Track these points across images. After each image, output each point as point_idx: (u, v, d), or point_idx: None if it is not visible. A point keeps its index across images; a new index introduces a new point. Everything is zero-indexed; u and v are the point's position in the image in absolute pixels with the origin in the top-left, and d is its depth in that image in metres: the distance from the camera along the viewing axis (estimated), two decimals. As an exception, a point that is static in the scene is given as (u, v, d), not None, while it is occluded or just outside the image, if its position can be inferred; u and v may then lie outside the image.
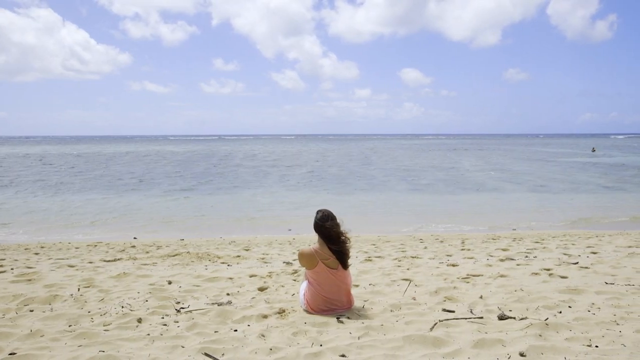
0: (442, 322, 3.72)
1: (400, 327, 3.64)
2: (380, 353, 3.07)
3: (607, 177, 26.45)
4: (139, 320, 3.88)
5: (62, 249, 9.35)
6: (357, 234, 11.82)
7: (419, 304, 4.37)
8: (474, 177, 27.64)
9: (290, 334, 3.54)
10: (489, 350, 3.09)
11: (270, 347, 3.19)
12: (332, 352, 3.10)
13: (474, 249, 8.60)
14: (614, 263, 6.47)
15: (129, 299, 4.65)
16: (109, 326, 3.73)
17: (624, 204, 17.17)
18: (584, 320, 3.69)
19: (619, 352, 2.95)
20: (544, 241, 9.66)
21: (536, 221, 13.85)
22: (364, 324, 3.73)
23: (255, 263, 7.34)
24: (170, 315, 4.08)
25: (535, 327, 3.49)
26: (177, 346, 3.26)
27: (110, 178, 26.66)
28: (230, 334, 3.53)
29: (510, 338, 3.28)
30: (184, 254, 8.25)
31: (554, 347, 3.05)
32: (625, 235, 10.47)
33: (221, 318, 4.00)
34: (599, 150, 57.99)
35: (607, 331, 3.40)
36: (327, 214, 4.15)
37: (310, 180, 26.31)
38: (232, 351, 3.16)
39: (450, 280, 5.51)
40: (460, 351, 3.07)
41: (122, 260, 7.65)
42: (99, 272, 6.20)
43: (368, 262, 7.27)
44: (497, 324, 3.69)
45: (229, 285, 5.39)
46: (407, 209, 16.67)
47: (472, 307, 4.26)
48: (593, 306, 4.17)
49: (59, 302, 4.53)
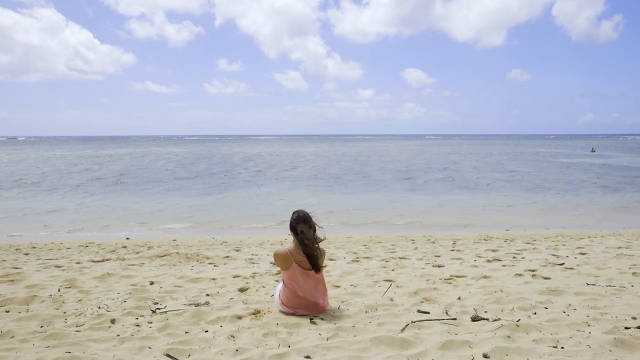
0: (414, 324, 3.71)
1: (372, 329, 3.63)
2: (345, 354, 3.07)
3: (605, 177, 26.38)
4: (112, 321, 3.88)
5: (52, 249, 9.37)
6: (349, 235, 11.84)
7: (396, 305, 4.36)
8: (473, 177, 27.60)
9: (260, 335, 3.54)
10: (454, 352, 3.08)
11: (236, 349, 3.19)
12: (297, 354, 3.09)
13: (464, 250, 8.59)
14: (600, 264, 6.44)
15: (107, 300, 4.65)
16: (82, 327, 3.73)
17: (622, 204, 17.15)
18: (556, 322, 3.67)
19: (582, 353, 2.93)
20: (535, 242, 9.64)
21: (532, 221, 13.83)
22: (336, 325, 3.73)
23: (243, 264, 7.34)
24: (145, 316, 4.08)
25: (505, 328, 3.48)
26: (145, 347, 3.26)
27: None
28: (200, 334, 3.53)
29: (478, 339, 3.27)
30: (173, 255, 8.25)
31: (519, 349, 3.04)
32: (618, 236, 10.44)
33: (195, 319, 4.00)
34: (598, 151, 57.97)
35: (577, 332, 3.38)
36: (302, 215, 4.14)
37: (309, 180, 26.32)
38: (198, 352, 3.16)
39: (432, 281, 5.50)
40: (425, 352, 3.07)
41: (110, 261, 7.65)
42: (83, 273, 6.21)
43: (355, 262, 7.26)
44: (469, 325, 3.68)
45: (211, 286, 5.39)
46: (404, 209, 16.66)
47: (449, 308, 4.25)
48: (569, 307, 4.16)
49: (36, 302, 4.54)
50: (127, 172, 31.15)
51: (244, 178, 27.68)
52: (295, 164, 39.48)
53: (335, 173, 30.63)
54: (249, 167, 36.77)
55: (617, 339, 3.12)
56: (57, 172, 31.49)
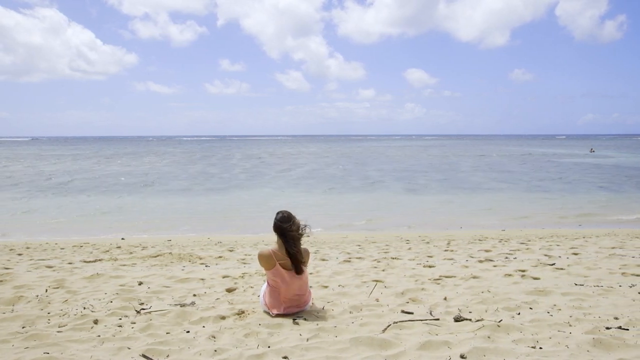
0: (396, 324, 3.70)
1: (353, 329, 3.62)
2: (323, 355, 3.06)
3: (602, 177, 26.35)
4: (95, 321, 3.88)
5: (47, 250, 9.37)
6: (345, 235, 11.83)
7: (381, 306, 4.36)
8: (471, 177, 27.57)
9: (242, 335, 3.54)
10: (432, 352, 3.07)
11: (215, 349, 3.18)
12: (275, 354, 3.09)
13: (457, 250, 8.57)
14: (591, 264, 6.43)
15: (93, 300, 4.65)
16: (64, 327, 3.73)
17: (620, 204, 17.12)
18: (539, 322, 3.66)
19: (559, 354, 2.92)
20: (529, 242, 9.62)
21: (528, 221, 13.82)
22: (318, 325, 3.72)
23: (234, 264, 7.33)
24: (129, 316, 4.08)
25: (486, 328, 3.47)
26: (124, 348, 3.26)
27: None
28: (181, 335, 3.53)
29: (458, 340, 3.26)
30: (166, 255, 8.25)
31: (497, 349, 3.03)
32: (613, 237, 10.42)
33: (179, 319, 4.00)
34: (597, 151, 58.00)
35: (558, 332, 3.37)
36: (286, 216, 4.14)
37: (307, 180, 26.31)
38: (177, 352, 3.16)
39: (421, 281, 5.49)
40: (403, 353, 3.06)
41: (102, 261, 7.66)
42: (74, 273, 6.21)
43: (346, 263, 7.25)
44: (451, 325, 3.67)
45: (199, 286, 5.39)
46: (401, 209, 16.66)
47: (433, 308, 4.24)
48: (554, 308, 4.15)
49: (22, 303, 4.54)
50: (126, 173, 31.19)
51: (243, 178, 27.71)
52: (295, 164, 39.49)
53: (334, 173, 30.64)
54: (248, 167, 36.79)
55: (595, 339, 3.11)
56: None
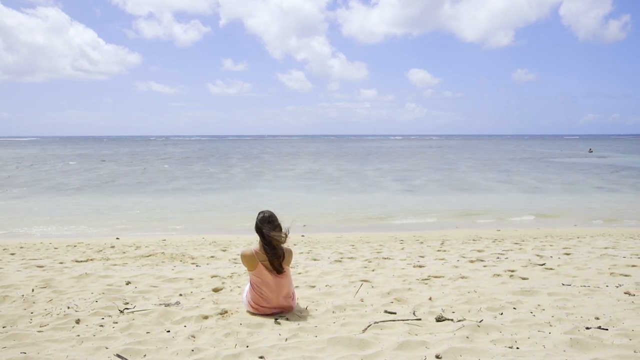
0: (377, 324, 3.70)
1: (334, 329, 3.61)
2: (299, 355, 3.06)
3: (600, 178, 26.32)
4: (77, 321, 3.88)
5: (40, 249, 9.38)
6: (339, 235, 11.83)
7: (365, 306, 4.35)
8: (469, 177, 27.55)
9: (222, 335, 3.53)
10: (409, 352, 3.06)
11: (192, 349, 3.18)
12: (252, 354, 3.08)
13: (450, 250, 8.56)
14: (581, 264, 6.42)
15: (78, 300, 4.65)
16: (45, 327, 3.73)
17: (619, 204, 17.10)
18: (520, 322, 3.65)
19: (535, 354, 2.91)
20: (523, 242, 9.61)
21: (524, 222, 13.81)
22: (298, 325, 3.72)
23: (225, 264, 7.33)
24: (112, 316, 4.08)
25: (466, 328, 3.46)
26: (102, 347, 3.25)
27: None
28: (161, 335, 3.52)
29: (436, 340, 3.25)
30: (159, 255, 8.25)
31: (474, 349, 3.02)
32: (607, 237, 10.41)
33: (162, 319, 3.99)
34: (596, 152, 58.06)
35: (537, 332, 3.36)
36: (267, 216, 4.14)
37: (306, 180, 26.31)
38: (154, 352, 3.16)
39: (408, 281, 5.48)
40: (380, 353, 3.05)
41: (93, 261, 7.66)
42: (63, 273, 6.21)
43: (337, 263, 7.24)
44: (432, 326, 3.66)
45: (186, 286, 5.38)
46: (398, 209, 16.64)
47: (417, 308, 4.23)
48: (538, 308, 4.13)
49: (7, 302, 4.53)
50: (125, 173, 31.22)
51: (242, 178, 27.72)
52: (294, 164, 39.50)
53: (332, 173, 30.63)
54: (247, 167, 36.81)
55: (573, 339, 3.10)
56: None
